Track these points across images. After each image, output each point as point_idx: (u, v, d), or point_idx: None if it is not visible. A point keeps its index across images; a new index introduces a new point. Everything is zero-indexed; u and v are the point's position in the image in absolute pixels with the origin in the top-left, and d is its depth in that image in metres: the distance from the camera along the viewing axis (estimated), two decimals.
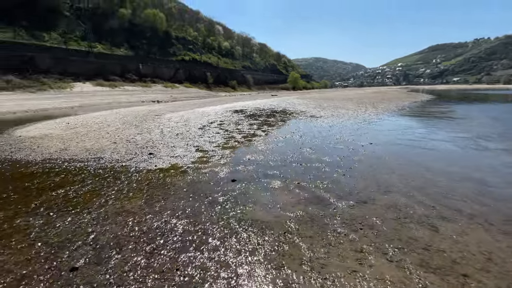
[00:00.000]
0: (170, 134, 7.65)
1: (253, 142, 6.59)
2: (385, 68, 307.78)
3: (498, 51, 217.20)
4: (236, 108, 17.80)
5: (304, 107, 17.39)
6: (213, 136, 7.35)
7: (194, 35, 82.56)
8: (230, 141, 6.74)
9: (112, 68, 51.79)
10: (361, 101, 22.25)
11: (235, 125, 9.54)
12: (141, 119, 11.14)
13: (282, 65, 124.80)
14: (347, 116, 11.69)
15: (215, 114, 13.46)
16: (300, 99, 29.24)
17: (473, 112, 12.77)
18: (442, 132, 7.55)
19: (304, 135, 7.42)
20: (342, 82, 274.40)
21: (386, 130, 7.97)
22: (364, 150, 5.57)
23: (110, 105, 22.95)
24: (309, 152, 5.45)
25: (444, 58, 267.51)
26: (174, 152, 5.52)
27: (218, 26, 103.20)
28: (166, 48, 70.63)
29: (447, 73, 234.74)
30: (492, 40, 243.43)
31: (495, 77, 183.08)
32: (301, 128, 8.73)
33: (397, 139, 6.66)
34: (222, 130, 8.41)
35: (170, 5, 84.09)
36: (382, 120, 10.16)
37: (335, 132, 7.78)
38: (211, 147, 6.01)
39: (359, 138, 6.82)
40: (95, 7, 62.91)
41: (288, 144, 6.26)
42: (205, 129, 8.72)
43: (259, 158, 5.03)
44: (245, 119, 11.34)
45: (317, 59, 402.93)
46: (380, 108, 15.71)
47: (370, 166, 4.49)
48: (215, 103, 23.90)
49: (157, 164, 4.70)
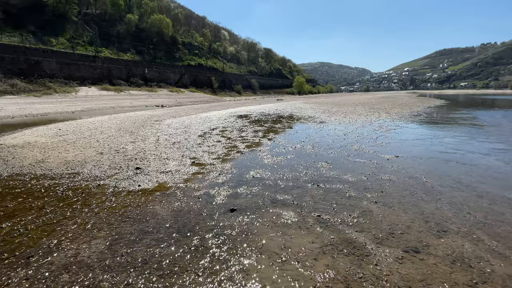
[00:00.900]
0: (166, 143, 6.84)
1: (258, 153, 5.72)
2: (391, 72, 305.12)
3: (505, 56, 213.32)
4: (241, 113, 17.00)
5: (312, 112, 16.49)
6: (213, 146, 6.51)
7: (200, 40, 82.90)
8: (232, 151, 5.88)
9: (118, 72, 51.92)
10: (372, 106, 21.24)
11: (239, 132, 8.69)
12: (138, 125, 10.40)
13: (287, 69, 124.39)
14: (360, 123, 10.75)
15: (218, 120, 12.66)
16: (306, 103, 28.33)
17: (498, 119, 11.68)
18: (475, 143, 6.56)
19: (316, 144, 6.52)
20: (347, 87, 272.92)
21: (410, 140, 7.01)
22: (391, 166, 4.64)
23: (113, 109, 22.43)
24: (326, 168, 4.55)
25: (452, 62, 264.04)
26: (166, 166, 4.68)
27: (224, 31, 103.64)
28: (172, 53, 70.95)
29: (454, 78, 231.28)
30: (499, 45, 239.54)
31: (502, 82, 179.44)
32: (312, 136, 7.83)
33: (427, 151, 5.70)
34: (224, 138, 7.56)
35: (176, 11, 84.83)
36: (400, 128, 9.19)
37: (352, 141, 6.86)
38: (209, 160, 5.16)
39: (381, 150, 5.89)
40: (102, 12, 63.66)
41: (300, 156, 5.37)
42: (206, 136, 7.89)
43: (265, 176, 4.15)
44: (249, 125, 10.50)
45: (323, 64, 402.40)
46: (394, 114, 14.71)
47: (406, 189, 3.57)
48: (219, 107, 23.18)
49: (142, 183, 3.86)
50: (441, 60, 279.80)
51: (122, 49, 61.40)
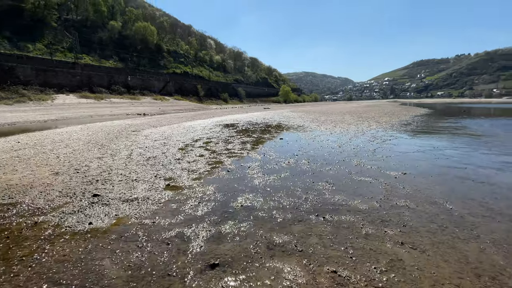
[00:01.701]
0: (139, 159, 5.90)
1: (247, 170, 4.92)
2: (372, 82, 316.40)
3: (479, 66, 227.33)
4: (227, 122, 16.19)
5: (300, 121, 15.96)
6: (194, 161, 5.64)
7: (185, 48, 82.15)
8: (216, 169, 5.05)
9: (99, 80, 49.96)
10: (360, 115, 21.09)
11: (225, 144, 7.87)
12: (112, 137, 9.34)
13: (273, 78, 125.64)
14: (352, 133, 10.23)
15: (202, 130, 11.78)
16: (294, 112, 27.97)
17: (489, 128, 11.58)
18: (480, 155, 6.11)
19: (312, 159, 5.81)
20: (331, 96, 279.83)
21: (411, 152, 6.47)
22: (403, 186, 3.98)
23: (91, 118, 20.98)
24: (328, 190, 3.82)
25: (428, 73, 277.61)
26: (132, 192, 3.77)
27: (210, 40, 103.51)
28: (157, 60, 69.65)
29: (431, 87, 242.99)
30: (473, 56, 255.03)
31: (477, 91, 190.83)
32: (304, 148, 7.14)
33: (434, 167, 5.13)
34: (208, 152, 6.71)
35: (162, 19, 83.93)
36: (395, 138, 8.72)
37: (349, 155, 6.22)
38: (188, 181, 4.30)
39: (384, 165, 5.26)
40: (84, 18, 61.70)
41: (295, 175, 4.62)
42: (187, 150, 7.00)
43: (257, 203, 3.35)
44: (236, 136, 9.70)
45: (307, 74, 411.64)
46: (384, 123, 14.43)
47: (432, 220, 2.88)
48: (204, 116, 22.27)
49: (96, 218, 2.94)
50: (419, 70, 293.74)
51: (104, 56, 59.53)
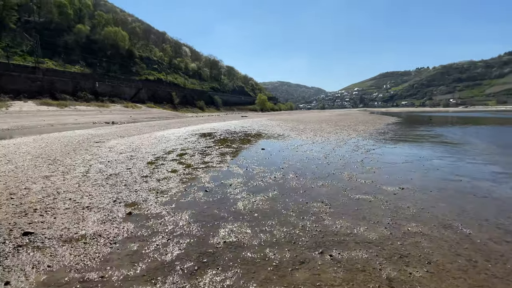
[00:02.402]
0: (98, 176, 4.93)
1: (229, 189, 4.21)
2: (343, 92, 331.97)
3: (436, 79, 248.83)
4: (204, 131, 15.31)
5: (280, 130, 15.57)
6: (165, 179, 4.80)
7: (159, 55, 79.85)
8: (191, 188, 4.27)
9: (63, 85, 46.45)
10: (336, 123, 21.31)
11: (202, 156, 7.07)
12: (70, 149, 8.12)
13: (249, 87, 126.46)
14: (334, 142, 9.95)
15: (176, 140, 10.83)
16: (272, 120, 27.72)
17: (462, 136, 11.99)
18: (467, 165, 5.98)
19: (299, 173, 5.25)
20: (305, 105, 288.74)
21: (399, 163, 6.19)
22: (406, 205, 3.52)
23: (51, 127, 18.91)
24: (326, 213, 3.24)
25: (393, 84, 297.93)
26: (81, 225, 2.89)
27: (185, 47, 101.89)
28: (129, 66, 66.75)
29: (396, 97, 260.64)
30: (431, 69, 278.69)
31: (435, 101, 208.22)
32: (289, 159, 6.60)
33: (429, 180, 4.81)
34: (182, 166, 5.89)
35: (134, 25, 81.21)
36: (379, 148, 8.53)
37: (338, 167, 5.77)
38: (156, 206, 3.49)
39: (378, 178, 4.84)
40: (47, 21, 57.60)
41: (285, 194, 4.00)
42: (158, 164, 6.12)
43: (244, 238, 2.66)
44: (214, 146, 8.94)
45: (282, 83, 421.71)
46: (361, 131, 14.50)
47: (456, 252, 2.40)
48: (179, 124, 21.13)
49: (16, 275, 2.06)
50: (385, 81, 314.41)
51: (69, 60, 55.77)
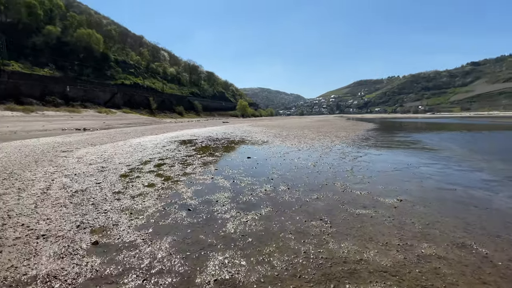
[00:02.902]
0: (60, 194, 4.22)
1: (216, 207, 3.72)
2: (321, 99, 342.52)
3: (406, 87, 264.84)
4: (184, 138, 14.59)
5: (263, 136, 15.24)
6: (141, 196, 4.20)
7: (136, 59, 77.28)
8: (172, 207, 3.72)
9: (29, 89, 43.27)
10: (318, 130, 21.44)
11: (182, 166, 6.49)
12: (31, 160, 7.17)
13: (230, 93, 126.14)
14: (320, 149, 9.77)
15: (154, 148, 10.09)
16: (254, 126, 27.43)
17: (440, 142, 12.36)
18: (456, 172, 5.95)
19: (291, 184, 4.88)
20: (285, 111, 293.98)
21: (389, 171, 6.04)
22: (411, 221, 3.25)
23: (14, 134, 17.16)
24: (329, 235, 2.87)
25: (367, 91, 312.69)
26: (31, 262, 2.26)
27: (164, 52, 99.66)
28: (103, 70, 63.82)
29: (370, 104, 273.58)
30: (401, 78, 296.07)
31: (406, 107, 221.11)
32: (278, 168, 6.22)
33: (424, 190, 4.64)
34: (160, 179, 5.29)
35: (109, 27, 78.23)
36: (365, 155, 8.44)
37: (329, 177, 5.48)
38: (129, 232, 2.92)
39: (372, 189, 4.59)
40: (15, 21, 53.68)
41: (279, 210, 3.59)
42: (133, 177, 5.46)
43: (238, 273, 2.18)
44: (196, 155, 8.35)
45: (263, 89, 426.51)
46: (344, 137, 14.57)
47: (480, 278, 2.12)
48: (157, 131, 20.13)
49: None
50: (359, 89, 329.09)
51: (38, 63, 52.23)
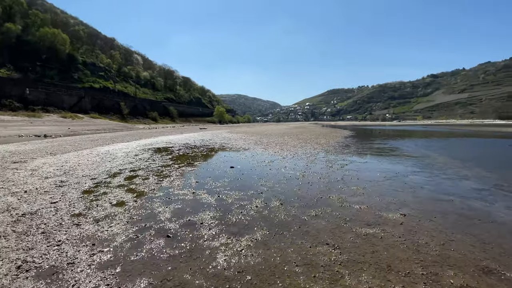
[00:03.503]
0: (1, 219, 3.34)
1: (201, 231, 3.12)
2: (296, 106, 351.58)
3: (375, 96, 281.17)
4: (158, 145, 13.61)
5: (244, 144, 14.73)
6: (107, 219, 3.47)
7: (107, 62, 73.41)
8: (146, 234, 3.05)
9: None
10: (297, 137, 21.41)
11: (158, 179, 5.75)
12: None
13: (207, 99, 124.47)
14: (304, 157, 9.47)
15: (125, 157, 9.13)
16: (233, 133, 26.82)
17: (417, 149, 12.71)
18: (444, 181, 5.88)
19: (283, 198, 4.41)
20: (262, 118, 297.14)
21: (380, 181, 5.82)
22: (425, 241, 2.92)
23: None
24: (341, 264, 2.41)
25: (339, 100, 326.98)
26: None
27: (137, 55, 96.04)
28: (70, 72, 59.64)
29: (342, 112, 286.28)
30: (370, 88, 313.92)
31: (375, 115, 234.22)
32: (265, 179, 5.73)
33: (420, 201, 4.42)
34: (132, 195, 4.54)
35: (77, 28, 73.82)
36: (350, 163, 8.26)
37: (322, 188, 5.10)
38: (89, 274, 2.23)
39: (370, 202, 4.28)
40: None
41: (277, 233, 3.08)
42: (98, 193, 4.65)
43: None
44: (173, 165, 7.60)
45: (240, 96, 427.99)
46: (324, 144, 14.54)
47: None
48: (129, 138, 18.77)
49: None
50: (332, 97, 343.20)
51: None
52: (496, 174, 6.54)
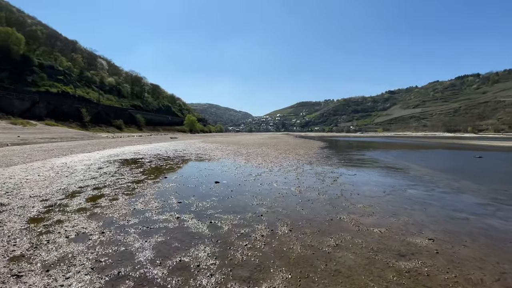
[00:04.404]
0: None
1: (201, 283, 2.30)
2: (267, 117, 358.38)
3: (339, 109, 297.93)
4: (126, 156, 12.19)
5: (222, 154, 13.85)
6: (61, 264, 2.47)
7: (67, 65, 67.79)
8: (117, 284, 2.16)
9: None
10: (275, 147, 21.04)
11: (129, 200, 4.71)
12: None
13: (177, 107, 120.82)
14: (291, 169, 8.93)
15: (86, 170, 7.78)
16: (208, 143, 25.68)
17: (397, 160, 12.93)
18: (443, 195, 5.68)
19: (289, 222, 3.72)
20: (234, 127, 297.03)
21: (382, 196, 5.42)
22: (479, 277, 2.42)
23: None
24: None
25: (308, 112, 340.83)
26: None
27: (102, 60, 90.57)
28: (23, 75, 53.77)
29: (310, 123, 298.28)
30: (335, 101, 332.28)
31: (340, 127, 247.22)
32: (260, 197, 5.01)
33: (437, 220, 4.05)
34: (96, 224, 3.51)
35: (34, 28, 67.60)
36: (340, 175, 7.89)
37: (326, 208, 4.52)
38: None
39: (386, 223, 3.78)
40: None
41: (303, 280, 2.37)
42: (50, 221, 3.54)
43: None
44: (146, 180, 6.51)
45: (211, 105, 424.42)
46: (305, 155, 14.26)
47: None
48: (90, 147, 16.80)
49: None
50: (301, 109, 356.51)
51: None
52: (485, 186, 6.57)
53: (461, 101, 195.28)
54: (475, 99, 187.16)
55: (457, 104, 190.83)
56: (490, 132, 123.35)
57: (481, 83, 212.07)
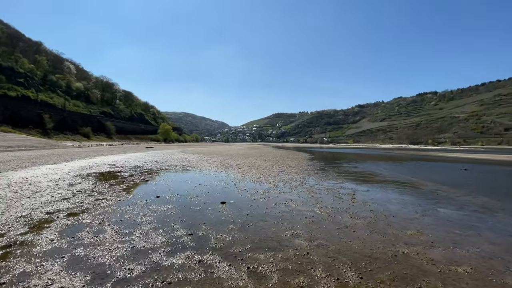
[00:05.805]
0: None
1: None
2: (244, 127, 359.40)
3: (313, 121, 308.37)
4: (101, 169, 10.60)
5: (210, 166, 12.69)
6: None
7: (29, 67, 62.18)
8: None
9: None
10: (263, 158, 20.23)
11: (122, 233, 3.54)
12: None
13: (151, 115, 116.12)
14: (296, 184, 8.13)
15: (54, 188, 6.29)
16: (187, 153, 24.13)
17: (389, 172, 12.73)
18: (481, 215, 5.21)
19: (347, 260, 2.87)
20: (210, 137, 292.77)
21: (419, 218, 4.79)
22: None
23: None
24: None
25: (283, 123, 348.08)
26: None
27: (69, 63, 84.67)
28: None
29: (286, 134, 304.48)
30: (309, 114, 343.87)
31: (314, 138, 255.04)
32: (287, 224, 4.10)
33: (502, 247, 3.45)
34: (81, 281, 2.37)
35: None
36: (354, 192, 7.24)
37: (376, 237, 3.73)
38: None
39: (460, 259, 3.09)
40: None
41: None
42: (6, 273, 2.31)
43: None
44: (134, 200, 5.27)
45: (187, 114, 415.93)
46: (300, 168, 13.61)
47: None
48: (56, 158, 14.70)
49: None
50: (277, 121, 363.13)
51: None
52: (508, 204, 6.29)
53: (422, 116, 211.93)
54: (433, 114, 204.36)
55: (419, 119, 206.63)
56: (448, 144, 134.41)
57: (438, 100, 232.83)
